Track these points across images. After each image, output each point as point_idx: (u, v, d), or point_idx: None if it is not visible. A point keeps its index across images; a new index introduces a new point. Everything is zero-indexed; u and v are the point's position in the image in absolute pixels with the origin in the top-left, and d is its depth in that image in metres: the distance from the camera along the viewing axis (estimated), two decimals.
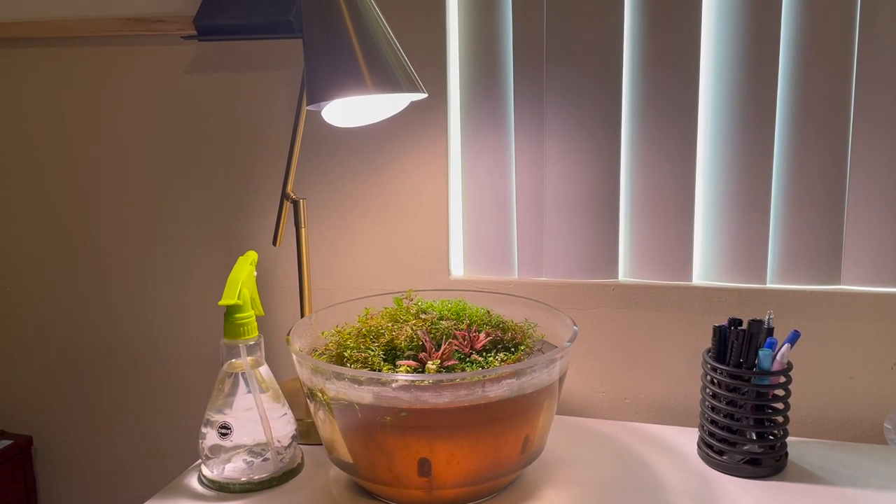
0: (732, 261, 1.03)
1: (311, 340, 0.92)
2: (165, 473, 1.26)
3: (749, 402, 0.88)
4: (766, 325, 0.88)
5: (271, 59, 1.14)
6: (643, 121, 1.03)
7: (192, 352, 1.26)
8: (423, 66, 1.05)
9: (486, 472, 0.81)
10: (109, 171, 1.25)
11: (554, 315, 0.93)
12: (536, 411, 0.82)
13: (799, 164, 0.99)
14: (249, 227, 1.20)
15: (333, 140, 1.13)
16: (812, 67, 0.96)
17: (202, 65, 1.17)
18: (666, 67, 1.00)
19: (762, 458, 0.88)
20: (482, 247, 1.11)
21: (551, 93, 1.04)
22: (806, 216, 0.99)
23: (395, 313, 0.91)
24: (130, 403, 1.31)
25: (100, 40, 1.20)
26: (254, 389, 0.88)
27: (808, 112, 0.97)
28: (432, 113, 1.08)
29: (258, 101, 1.16)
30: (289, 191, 1.00)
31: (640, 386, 1.07)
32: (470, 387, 0.76)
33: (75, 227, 1.28)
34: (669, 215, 1.03)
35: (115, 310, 1.29)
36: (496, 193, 1.09)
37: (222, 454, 0.88)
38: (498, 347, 0.86)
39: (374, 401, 0.77)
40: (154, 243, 1.25)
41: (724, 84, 1.00)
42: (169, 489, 0.89)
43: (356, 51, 0.83)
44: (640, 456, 0.94)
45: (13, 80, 1.26)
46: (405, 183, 1.11)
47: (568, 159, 1.05)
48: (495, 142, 1.08)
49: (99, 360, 1.31)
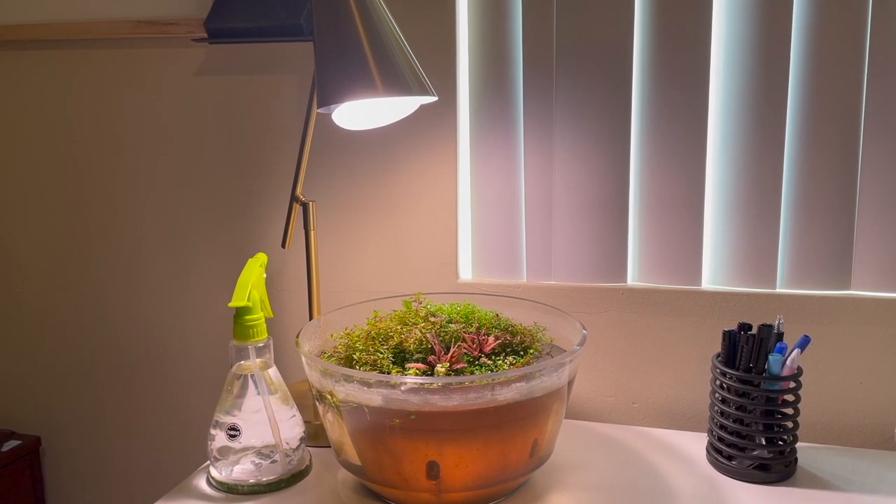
0: (742, 265, 1.02)
1: (320, 343, 0.93)
2: (174, 475, 1.26)
3: (759, 408, 0.87)
4: (777, 330, 0.88)
5: (282, 62, 1.14)
6: (653, 124, 1.03)
7: (200, 354, 1.26)
8: (432, 68, 1.05)
9: (494, 475, 0.80)
10: (120, 173, 1.25)
11: (563, 319, 0.93)
12: (545, 415, 0.81)
13: (809, 169, 0.99)
14: (259, 230, 1.20)
15: (343, 143, 1.13)
16: (823, 70, 0.96)
17: (212, 67, 1.18)
18: (676, 69, 1.00)
19: (771, 464, 0.88)
20: (491, 250, 1.11)
21: (560, 95, 1.04)
22: (816, 221, 0.99)
23: (403, 316, 0.91)
24: (139, 405, 1.31)
25: (111, 43, 1.21)
26: (262, 391, 0.88)
27: (819, 116, 0.97)
28: (441, 115, 1.08)
29: (268, 104, 1.16)
30: (298, 193, 1.01)
31: (649, 390, 1.07)
32: (479, 390, 0.75)
33: (85, 229, 1.28)
34: (679, 219, 1.03)
35: (124, 312, 1.29)
36: (505, 196, 1.09)
37: (231, 456, 0.88)
38: (507, 351, 0.86)
39: (383, 403, 0.77)
40: (164, 245, 1.25)
41: (735, 87, 1.00)
42: (177, 490, 0.89)
43: (367, 54, 0.84)
44: (649, 460, 0.93)
45: (24, 82, 1.26)
46: (414, 185, 1.11)
47: (577, 163, 1.05)
48: (504, 145, 1.08)
49: (108, 362, 1.32)
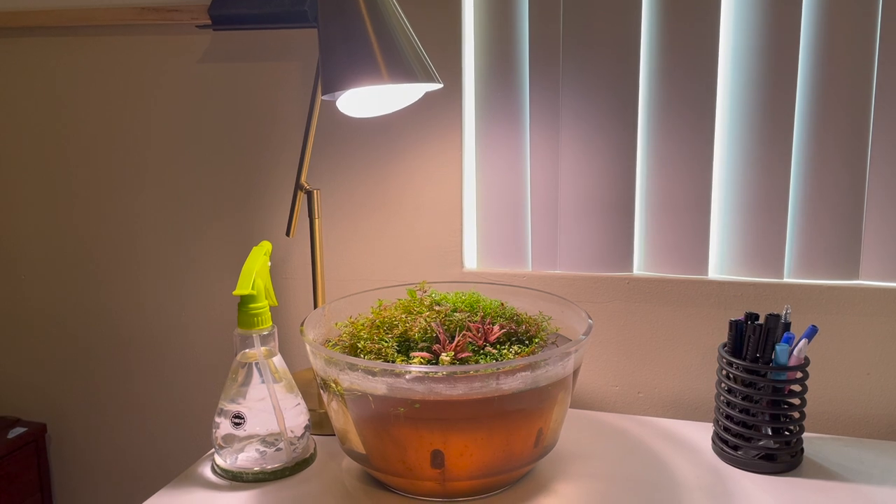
0: (749, 255, 1.02)
1: (325, 331, 0.92)
2: (179, 462, 1.26)
3: (765, 398, 0.87)
4: (784, 320, 0.87)
5: (286, 49, 1.14)
6: (660, 111, 1.02)
7: (205, 342, 1.26)
8: (438, 55, 1.05)
9: (499, 464, 0.80)
10: (123, 161, 1.25)
11: (568, 308, 0.92)
12: (550, 404, 0.81)
13: (818, 157, 0.98)
14: (263, 218, 1.20)
15: (348, 130, 1.13)
16: (833, 58, 0.95)
17: (217, 54, 1.17)
18: (684, 57, 0.99)
19: (777, 454, 0.88)
20: (496, 239, 1.11)
21: (567, 81, 1.03)
22: (825, 209, 0.98)
23: (408, 305, 0.91)
24: (144, 392, 1.32)
25: (114, 29, 1.20)
26: (267, 379, 0.88)
27: (829, 104, 0.96)
28: (447, 103, 1.07)
29: (272, 92, 1.15)
30: (303, 181, 1.00)
31: (654, 380, 1.07)
32: (484, 379, 0.75)
33: (89, 218, 1.28)
34: (685, 208, 1.03)
35: (128, 300, 1.29)
36: (510, 185, 1.08)
37: (235, 444, 0.88)
38: (512, 340, 0.85)
39: (388, 392, 0.76)
40: (168, 234, 1.25)
41: (744, 74, 0.99)
42: (182, 478, 0.89)
43: (372, 40, 0.83)
44: (654, 450, 0.93)
45: (28, 69, 1.26)
46: (419, 174, 1.11)
47: (583, 151, 1.04)
48: (510, 133, 1.07)
49: (113, 350, 1.32)
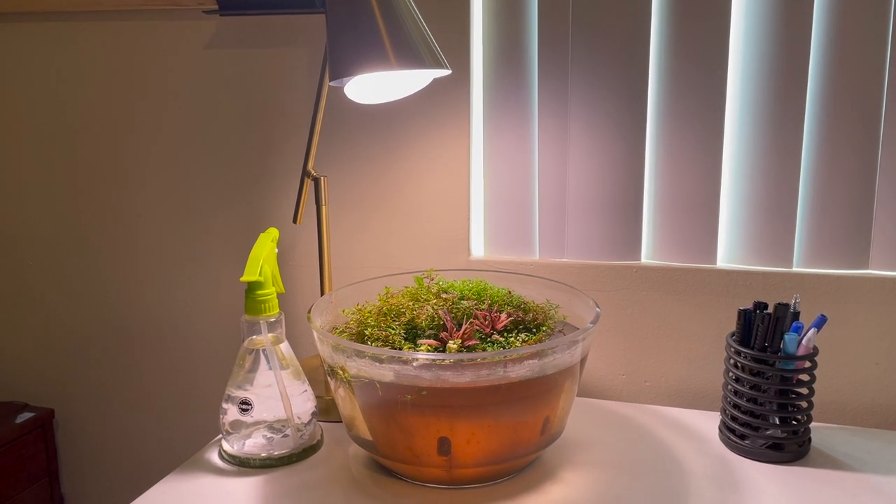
0: (758, 244, 1.01)
1: (332, 318, 0.92)
2: (186, 448, 1.27)
3: (773, 387, 0.87)
4: (793, 310, 0.87)
5: (293, 35, 1.13)
6: (670, 99, 1.01)
7: (212, 328, 1.27)
8: (446, 41, 1.04)
9: (505, 452, 0.80)
10: (129, 147, 1.25)
11: (576, 296, 0.92)
12: (557, 392, 0.81)
13: (828, 146, 0.97)
14: (270, 205, 1.19)
15: (355, 117, 1.12)
16: (845, 47, 0.94)
17: (223, 40, 1.17)
18: (693, 48, 0.98)
19: (785, 444, 0.87)
20: (503, 227, 1.10)
21: (577, 69, 1.03)
22: (835, 199, 0.98)
23: (415, 292, 0.91)
24: (152, 377, 1.32)
25: (121, 14, 1.20)
26: (274, 366, 0.88)
27: (840, 91, 0.95)
28: (455, 90, 1.07)
29: (280, 78, 1.15)
30: (310, 168, 1.00)
31: (662, 369, 1.07)
32: (491, 367, 0.75)
33: (97, 204, 1.28)
34: (694, 196, 1.02)
35: (136, 286, 1.29)
36: (518, 173, 1.08)
37: (242, 430, 0.89)
38: (519, 328, 0.85)
39: (395, 379, 0.76)
40: (176, 220, 1.25)
41: (755, 63, 0.98)
42: (189, 463, 0.90)
43: (380, 26, 0.82)
44: (661, 439, 0.93)
45: (34, 54, 1.26)
46: (427, 160, 1.10)
47: (592, 140, 1.04)
48: (518, 120, 1.07)
49: (121, 335, 1.32)
